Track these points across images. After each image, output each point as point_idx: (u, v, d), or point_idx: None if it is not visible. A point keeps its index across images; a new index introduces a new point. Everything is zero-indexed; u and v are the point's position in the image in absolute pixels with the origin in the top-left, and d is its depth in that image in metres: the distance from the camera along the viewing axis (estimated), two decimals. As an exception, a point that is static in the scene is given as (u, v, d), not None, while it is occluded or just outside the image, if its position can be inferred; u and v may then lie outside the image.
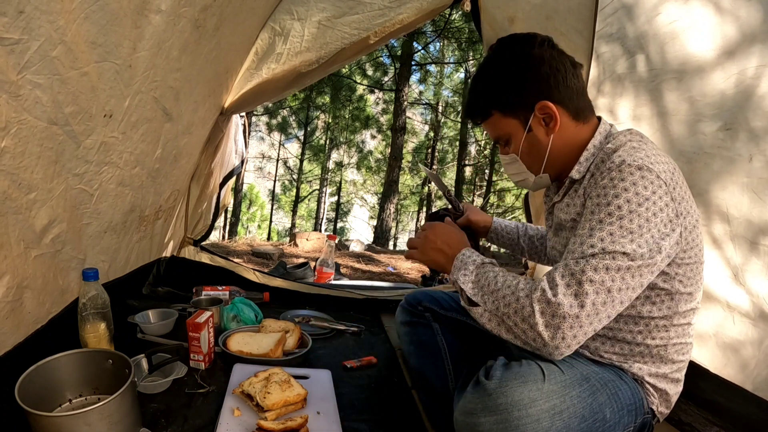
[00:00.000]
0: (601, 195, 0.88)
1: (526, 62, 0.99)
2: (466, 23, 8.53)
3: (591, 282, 0.81)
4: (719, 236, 1.26)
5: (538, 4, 1.74)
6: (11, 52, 0.80)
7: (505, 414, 0.78)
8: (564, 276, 0.83)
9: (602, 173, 0.90)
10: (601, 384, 0.90)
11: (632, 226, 0.83)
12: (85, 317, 1.19)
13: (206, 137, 1.90)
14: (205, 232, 2.21)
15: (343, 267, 4.66)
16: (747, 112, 1.17)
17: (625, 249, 0.82)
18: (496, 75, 1.02)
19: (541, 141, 1.02)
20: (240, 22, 1.59)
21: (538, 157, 1.04)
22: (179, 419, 1.05)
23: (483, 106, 1.05)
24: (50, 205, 1.07)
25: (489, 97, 1.04)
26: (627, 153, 0.90)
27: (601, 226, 0.84)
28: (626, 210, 0.83)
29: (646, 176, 0.85)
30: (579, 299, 0.80)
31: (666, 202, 0.85)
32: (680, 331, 0.97)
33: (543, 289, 0.83)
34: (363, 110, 12.39)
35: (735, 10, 1.18)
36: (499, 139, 1.08)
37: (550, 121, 1.00)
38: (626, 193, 0.84)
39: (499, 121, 1.04)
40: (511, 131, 1.04)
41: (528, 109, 1.00)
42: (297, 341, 1.47)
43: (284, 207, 17.55)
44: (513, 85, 1.00)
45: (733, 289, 1.22)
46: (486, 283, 0.92)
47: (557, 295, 0.81)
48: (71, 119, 1.01)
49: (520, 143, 1.03)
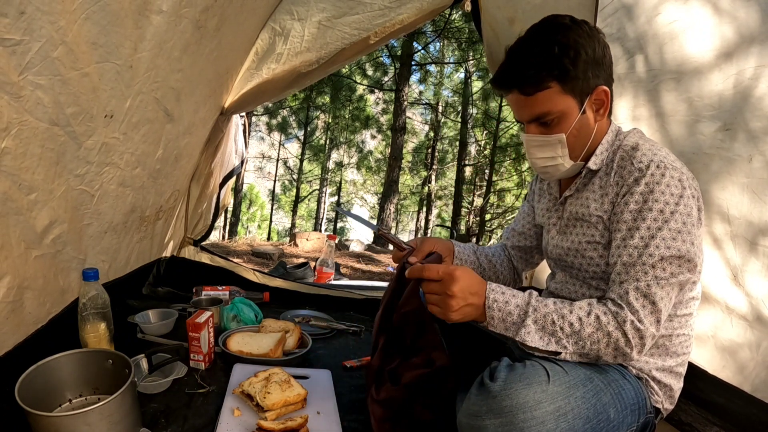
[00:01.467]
0: (640, 201, 0.92)
1: (599, 43, 0.98)
2: (466, 23, 8.53)
3: (662, 299, 0.88)
4: (719, 237, 1.26)
5: (538, 4, 1.74)
6: (13, 53, 0.80)
7: (510, 416, 0.78)
8: (638, 298, 0.89)
9: (631, 174, 0.94)
10: (605, 384, 0.90)
11: (678, 226, 0.89)
12: (85, 317, 1.19)
13: (206, 137, 1.91)
14: (205, 232, 2.21)
15: (343, 267, 4.67)
16: (745, 112, 1.17)
17: (680, 252, 0.89)
18: (566, 46, 0.95)
19: (590, 126, 1.01)
20: (241, 23, 1.59)
21: (583, 141, 1.02)
22: (179, 419, 1.05)
23: (541, 75, 0.96)
24: (51, 205, 1.07)
25: (552, 67, 0.95)
26: (651, 153, 0.95)
27: (651, 233, 0.90)
28: (668, 212, 0.90)
29: (674, 176, 0.91)
30: (655, 316, 0.88)
31: (692, 195, 0.92)
32: (683, 322, 1.00)
33: (631, 319, 0.87)
34: (363, 110, 12.38)
35: (734, 11, 1.18)
36: (545, 116, 0.99)
37: (600, 108, 1.01)
38: (663, 196, 0.90)
39: (556, 96, 0.97)
40: (566, 109, 0.98)
41: (587, 91, 0.98)
42: (297, 341, 1.47)
43: (284, 207, 17.55)
44: (584, 62, 0.95)
45: (732, 290, 1.23)
46: (556, 329, 0.89)
47: (643, 321, 0.87)
48: (72, 120, 1.02)
49: (573, 124, 0.99)
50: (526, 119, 1.02)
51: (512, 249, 1.38)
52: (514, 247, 1.38)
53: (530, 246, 1.35)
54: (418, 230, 14.09)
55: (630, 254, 0.92)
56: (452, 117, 12.71)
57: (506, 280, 1.37)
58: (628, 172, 0.96)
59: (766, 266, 1.14)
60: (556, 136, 1.00)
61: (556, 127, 0.99)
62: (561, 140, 1.00)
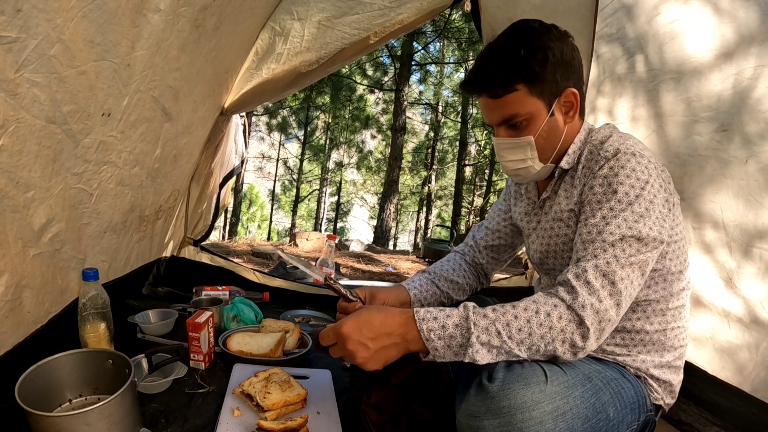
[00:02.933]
0: (604, 184, 0.92)
1: (567, 46, 0.98)
2: (466, 23, 8.53)
3: (622, 280, 0.85)
4: (711, 241, 1.26)
5: (538, 4, 1.74)
6: (9, 51, 0.80)
7: (508, 417, 0.78)
8: (597, 277, 0.85)
9: (597, 162, 0.94)
10: (604, 383, 0.90)
11: (641, 210, 0.88)
12: (85, 317, 1.19)
13: (206, 137, 1.90)
14: (205, 232, 2.21)
15: (343, 267, 4.67)
16: (743, 114, 1.16)
17: (640, 233, 0.86)
18: (533, 48, 0.96)
19: (559, 128, 1.01)
20: (240, 22, 1.59)
21: (553, 143, 1.02)
22: (179, 419, 1.05)
23: (509, 78, 0.96)
24: (48, 203, 1.06)
25: (520, 69, 0.96)
26: (618, 142, 0.95)
27: (613, 214, 0.88)
28: (633, 195, 0.88)
29: (640, 161, 0.90)
30: (614, 298, 0.85)
31: (660, 183, 0.91)
32: (676, 314, 1.00)
33: (591, 302, 0.82)
34: (363, 110, 12.40)
35: (733, 10, 1.18)
36: (513, 118, 0.99)
37: (569, 110, 1.01)
38: (629, 180, 0.89)
39: (524, 98, 0.97)
40: (534, 111, 0.98)
41: (556, 93, 0.98)
42: (297, 341, 1.47)
43: (284, 207, 17.56)
44: (552, 64, 0.96)
45: (726, 294, 1.23)
46: (504, 339, 0.83)
47: (603, 302, 0.83)
48: (69, 118, 1.01)
49: (541, 126, 0.99)
50: (495, 122, 1.03)
51: (484, 249, 1.35)
52: (487, 247, 1.34)
53: (504, 244, 1.33)
54: (418, 230, 14.10)
55: (589, 231, 0.90)
56: (452, 117, 12.72)
57: (472, 289, 1.34)
58: (594, 162, 0.96)
59: (761, 269, 1.14)
60: (525, 138, 1.00)
61: (525, 129, 1.00)
62: (530, 142, 1.00)
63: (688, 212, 1.31)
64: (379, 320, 0.85)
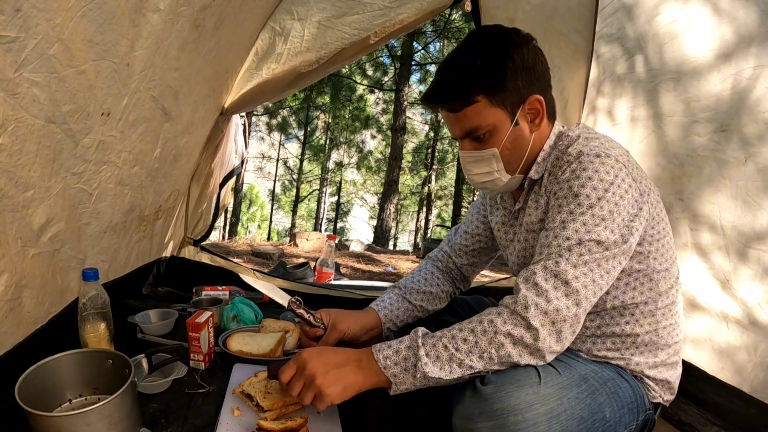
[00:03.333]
0: (565, 188, 0.88)
1: (529, 51, 0.94)
2: (466, 23, 8.53)
3: (576, 278, 0.83)
4: (707, 244, 1.26)
5: (538, 4, 1.74)
6: (8, 50, 0.80)
7: (501, 419, 0.78)
8: (548, 279, 0.83)
9: (561, 167, 0.91)
10: (600, 383, 0.89)
11: (603, 213, 0.84)
12: (85, 317, 1.19)
13: (206, 137, 1.90)
14: (205, 232, 2.21)
15: (343, 267, 4.66)
16: (742, 115, 1.16)
17: (600, 237, 0.84)
18: (491, 58, 0.92)
19: (525, 137, 0.97)
20: (240, 22, 1.59)
21: (519, 154, 0.98)
22: (179, 419, 1.05)
23: (467, 90, 0.93)
24: (48, 203, 1.06)
25: (478, 81, 0.92)
26: (582, 145, 0.91)
27: (573, 218, 0.86)
28: (594, 198, 0.85)
29: (605, 162, 0.86)
30: (573, 298, 0.82)
31: (629, 183, 0.87)
32: (666, 312, 0.97)
33: (534, 303, 0.81)
34: (363, 110, 12.40)
35: (733, 11, 1.18)
36: (475, 131, 0.96)
37: (535, 118, 0.97)
38: (591, 182, 0.86)
39: (485, 110, 0.93)
40: (497, 122, 0.94)
41: (519, 102, 0.94)
42: (297, 341, 1.46)
43: (284, 207, 17.57)
44: (512, 72, 0.92)
45: (723, 296, 1.22)
46: (452, 352, 0.84)
47: (551, 300, 0.81)
48: (69, 118, 1.01)
49: (505, 137, 0.95)
50: (458, 135, 0.99)
51: (464, 254, 1.31)
52: (467, 252, 1.31)
53: (484, 247, 1.30)
54: (418, 230, 14.09)
55: (547, 236, 0.88)
56: (452, 117, 12.68)
57: (449, 295, 1.31)
58: (558, 168, 0.93)
59: (758, 271, 1.14)
60: (489, 150, 0.97)
61: (489, 141, 0.96)
62: (494, 154, 0.97)
63: (686, 213, 1.31)
64: (337, 354, 0.91)
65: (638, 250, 0.92)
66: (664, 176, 1.38)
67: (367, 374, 0.87)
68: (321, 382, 0.86)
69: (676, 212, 1.34)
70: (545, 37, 1.73)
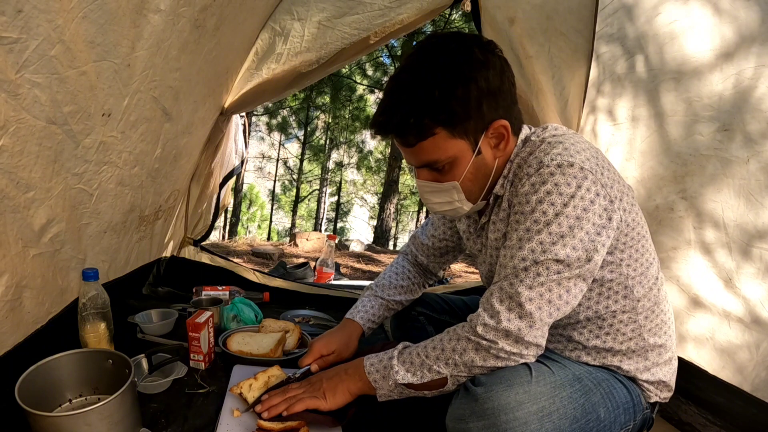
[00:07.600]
0: (523, 203, 0.83)
1: (494, 70, 0.83)
2: (466, 23, 8.51)
3: (530, 300, 0.81)
4: (711, 242, 1.26)
5: (538, 4, 1.74)
6: (10, 51, 0.80)
7: (492, 419, 0.78)
8: (503, 300, 0.84)
9: (521, 178, 0.85)
10: (595, 384, 0.89)
11: (562, 230, 0.79)
12: (85, 317, 1.19)
13: (206, 137, 1.90)
14: (205, 232, 2.21)
15: (343, 267, 4.66)
16: (744, 114, 1.16)
17: (558, 256, 0.79)
18: (451, 85, 0.81)
19: (488, 165, 0.89)
20: (240, 22, 1.59)
21: (482, 182, 0.91)
22: (179, 419, 1.05)
23: (422, 124, 0.82)
24: (49, 204, 1.07)
25: (436, 113, 0.81)
26: (543, 152, 0.83)
27: (529, 236, 0.81)
28: (552, 214, 0.79)
29: (567, 172, 0.79)
30: (526, 320, 0.82)
31: (596, 191, 0.80)
32: (650, 314, 0.93)
33: (483, 323, 0.84)
34: (363, 110, 12.38)
35: (734, 10, 1.18)
36: (434, 164, 0.87)
37: (499, 143, 0.88)
38: (549, 196, 0.79)
39: (444, 142, 0.84)
40: (458, 154, 0.85)
41: (482, 128, 0.85)
42: (297, 341, 1.46)
43: (284, 207, 17.56)
44: (476, 99, 0.82)
45: (726, 294, 1.22)
46: (422, 359, 0.90)
47: (501, 322, 0.82)
48: (70, 118, 1.01)
49: (467, 168, 0.87)
50: (415, 165, 0.92)
51: (430, 254, 1.31)
52: (432, 253, 1.31)
53: (451, 247, 1.29)
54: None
55: (504, 255, 0.85)
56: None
57: (422, 286, 1.36)
58: (518, 179, 0.86)
59: (761, 269, 1.14)
60: (449, 183, 0.89)
61: (449, 173, 0.88)
62: (455, 186, 0.90)
63: (690, 212, 1.31)
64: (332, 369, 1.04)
65: (609, 259, 0.87)
66: (667, 175, 1.38)
67: (355, 378, 0.98)
68: (324, 384, 0.99)
69: (680, 210, 1.34)
70: (545, 37, 1.73)
